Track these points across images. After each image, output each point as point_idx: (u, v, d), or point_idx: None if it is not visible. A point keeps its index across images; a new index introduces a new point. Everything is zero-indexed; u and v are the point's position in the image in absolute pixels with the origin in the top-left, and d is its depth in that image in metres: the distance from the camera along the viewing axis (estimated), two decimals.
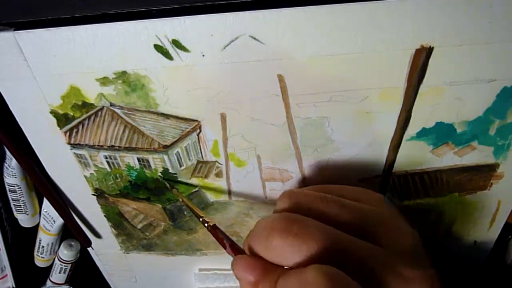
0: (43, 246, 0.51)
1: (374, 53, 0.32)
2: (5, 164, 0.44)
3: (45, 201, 0.48)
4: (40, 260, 0.52)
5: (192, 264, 0.53)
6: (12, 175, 0.44)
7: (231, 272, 0.52)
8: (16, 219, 0.49)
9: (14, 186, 0.45)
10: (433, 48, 0.32)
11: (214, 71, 0.33)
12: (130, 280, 0.56)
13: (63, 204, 0.46)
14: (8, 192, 0.45)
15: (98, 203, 0.45)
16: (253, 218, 0.46)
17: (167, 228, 0.48)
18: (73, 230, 0.49)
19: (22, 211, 0.47)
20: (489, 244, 0.50)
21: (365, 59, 0.33)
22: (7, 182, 0.45)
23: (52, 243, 0.51)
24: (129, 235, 0.49)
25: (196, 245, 0.49)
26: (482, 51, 0.32)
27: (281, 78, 0.34)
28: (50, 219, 0.49)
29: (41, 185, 0.44)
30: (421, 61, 0.33)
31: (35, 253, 0.52)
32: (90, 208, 0.46)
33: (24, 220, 0.49)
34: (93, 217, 0.47)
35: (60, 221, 0.48)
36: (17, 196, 0.46)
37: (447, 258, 0.43)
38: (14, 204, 0.47)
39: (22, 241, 0.52)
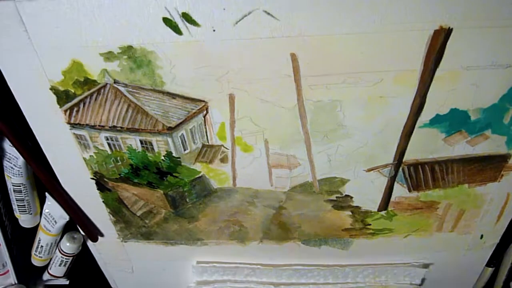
0: (42, 246, 0.49)
1: (392, 33, 0.31)
2: (10, 164, 0.43)
3: (47, 201, 0.47)
4: (37, 260, 0.51)
5: (191, 255, 0.51)
6: (19, 175, 0.43)
7: (230, 265, 0.51)
8: (16, 218, 0.48)
9: (20, 186, 0.44)
10: (452, 29, 0.31)
11: (224, 47, 0.32)
12: (127, 271, 0.54)
13: (69, 200, 0.45)
14: (13, 193, 0.44)
15: (97, 187, 0.44)
16: (257, 207, 0.45)
17: (167, 215, 0.46)
18: (79, 225, 0.48)
19: (25, 211, 0.46)
20: (495, 239, 0.49)
21: (383, 39, 0.32)
22: (12, 183, 0.44)
23: (52, 243, 0.50)
24: (127, 222, 0.47)
25: (197, 234, 0.48)
26: (501, 35, 0.31)
27: (294, 57, 0.33)
28: (51, 220, 0.47)
29: (49, 182, 0.43)
30: (439, 43, 0.32)
31: (33, 252, 0.51)
32: (88, 193, 0.44)
33: (26, 220, 0.47)
34: (90, 203, 0.46)
35: (61, 222, 0.47)
36: (21, 196, 0.45)
37: None
38: (18, 205, 0.45)
39: (23, 238, 0.51)
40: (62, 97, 0.36)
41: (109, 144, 0.39)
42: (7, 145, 0.42)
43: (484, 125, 0.37)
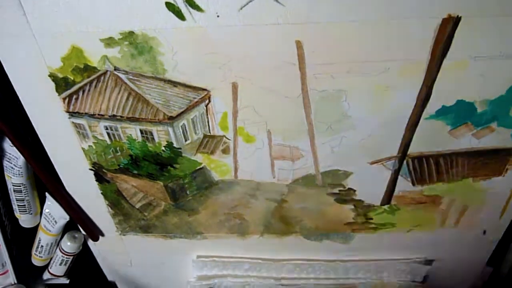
0: (42, 246, 0.49)
1: (400, 21, 0.31)
2: (10, 164, 0.42)
3: (47, 201, 0.46)
4: (37, 259, 0.51)
5: (191, 249, 0.50)
6: (19, 175, 0.43)
7: (231, 259, 0.51)
8: (15, 218, 0.48)
9: (20, 186, 0.44)
10: (460, 18, 0.31)
11: (228, 34, 0.31)
12: (125, 265, 0.53)
13: (70, 200, 0.45)
14: (13, 193, 0.44)
15: (95, 179, 0.43)
16: (258, 200, 0.44)
17: (167, 208, 0.45)
18: (80, 225, 0.47)
19: (26, 211, 0.46)
20: (498, 234, 0.48)
21: (390, 27, 0.31)
22: (13, 183, 0.43)
23: (52, 243, 0.49)
24: (126, 215, 0.46)
25: (197, 228, 0.47)
26: (511, 24, 0.31)
27: (299, 45, 0.32)
28: (51, 220, 0.47)
29: (49, 181, 0.43)
30: (447, 31, 0.31)
31: (33, 252, 0.50)
32: (86, 185, 0.43)
33: (26, 220, 0.47)
34: (89, 195, 0.45)
35: (61, 222, 0.47)
36: (22, 196, 0.44)
37: None
38: (18, 204, 0.45)
39: (23, 238, 0.50)
40: (61, 84, 0.35)
41: (108, 134, 0.39)
42: (7, 145, 0.42)
43: (490, 118, 0.37)
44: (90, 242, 0.51)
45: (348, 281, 0.51)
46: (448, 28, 0.31)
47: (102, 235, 0.50)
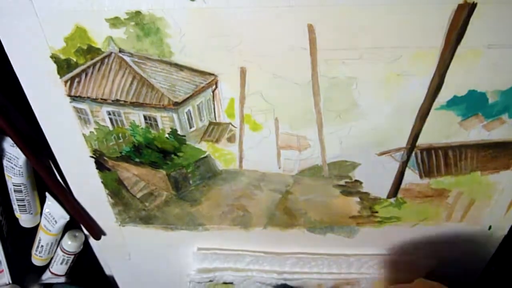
0: (42, 246, 0.48)
1: (415, 7, 0.30)
2: (10, 164, 0.42)
3: (48, 201, 0.46)
4: (37, 259, 0.50)
5: (192, 241, 0.49)
6: (19, 174, 0.42)
7: (232, 252, 0.50)
8: (15, 218, 0.47)
9: (20, 186, 0.43)
10: (476, 4, 0.30)
11: (239, 16, 0.30)
12: (124, 257, 0.52)
13: (71, 199, 0.44)
14: (13, 192, 0.44)
15: (96, 166, 0.42)
16: (263, 191, 0.43)
17: (169, 198, 0.44)
18: (82, 223, 0.47)
19: (26, 211, 0.45)
20: (503, 230, 0.48)
21: (404, 13, 0.30)
22: (13, 182, 0.43)
23: (52, 243, 0.49)
24: (126, 205, 0.45)
25: (199, 219, 0.46)
26: None
27: (311, 29, 0.31)
28: (51, 219, 0.46)
29: (50, 180, 0.42)
30: (462, 18, 0.31)
31: (33, 251, 0.50)
32: (86, 173, 0.42)
33: (26, 220, 0.47)
34: (88, 184, 0.43)
35: (61, 221, 0.46)
36: (22, 196, 0.44)
37: None
38: (18, 204, 0.45)
39: (21, 237, 0.49)
40: (63, 66, 0.34)
41: (111, 120, 0.38)
42: (8, 145, 0.41)
43: (501, 109, 0.36)
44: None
45: (351, 275, 0.50)
46: (464, 15, 0.30)
47: (104, 234, 0.49)
